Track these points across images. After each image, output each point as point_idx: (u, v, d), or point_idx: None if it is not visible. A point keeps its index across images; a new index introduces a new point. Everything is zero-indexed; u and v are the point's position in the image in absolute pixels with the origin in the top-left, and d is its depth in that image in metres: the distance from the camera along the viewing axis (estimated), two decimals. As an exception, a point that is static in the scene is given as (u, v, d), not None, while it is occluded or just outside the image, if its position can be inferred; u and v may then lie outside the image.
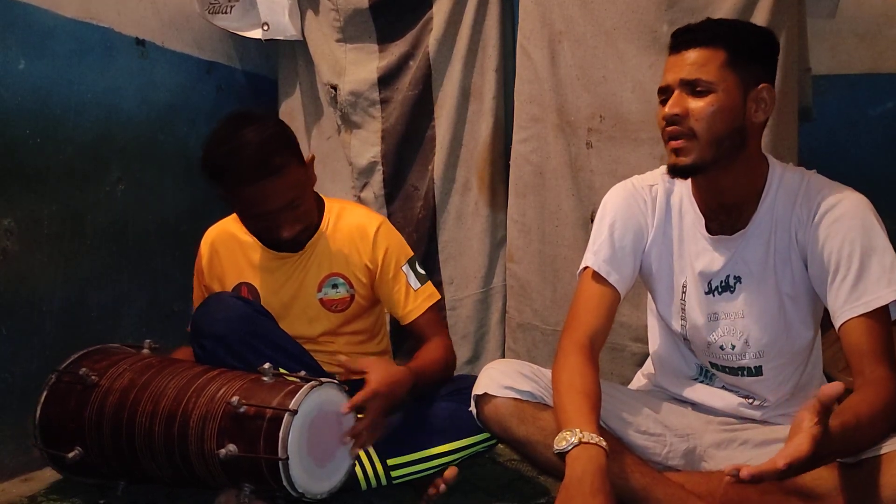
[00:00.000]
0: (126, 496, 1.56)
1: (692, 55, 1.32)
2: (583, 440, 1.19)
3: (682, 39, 1.35)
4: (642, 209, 1.46)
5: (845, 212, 1.30)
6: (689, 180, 1.42)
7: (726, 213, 1.40)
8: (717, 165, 1.32)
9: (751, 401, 1.43)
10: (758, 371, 1.40)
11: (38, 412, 1.53)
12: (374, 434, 1.49)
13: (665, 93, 1.35)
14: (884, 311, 1.26)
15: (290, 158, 1.56)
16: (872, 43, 2.27)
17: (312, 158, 1.67)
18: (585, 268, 1.45)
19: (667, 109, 1.32)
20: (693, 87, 1.31)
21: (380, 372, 1.48)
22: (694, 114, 1.30)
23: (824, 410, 1.05)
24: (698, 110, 1.30)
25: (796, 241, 1.35)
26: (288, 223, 1.58)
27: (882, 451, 1.19)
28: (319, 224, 1.71)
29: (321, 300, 1.70)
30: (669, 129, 1.32)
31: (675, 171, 1.35)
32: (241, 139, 1.52)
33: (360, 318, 1.76)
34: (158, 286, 2.12)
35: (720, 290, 1.41)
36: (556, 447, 1.21)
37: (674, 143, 1.32)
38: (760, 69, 1.34)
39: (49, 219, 1.78)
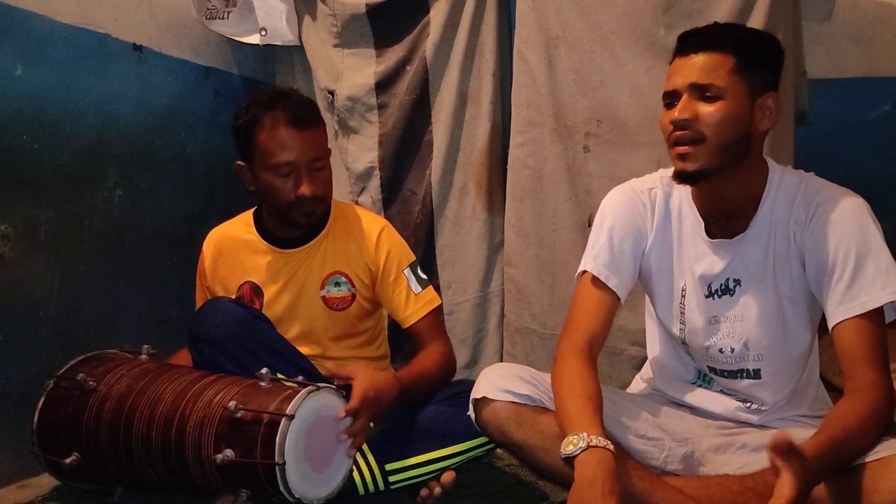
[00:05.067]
0: (123, 502, 1.56)
1: (701, 59, 1.30)
2: (591, 444, 1.19)
3: (690, 42, 1.33)
4: (641, 212, 1.45)
5: (842, 213, 1.30)
6: None
7: (726, 217, 1.39)
8: (722, 172, 1.32)
9: (749, 405, 1.43)
10: (757, 374, 1.40)
11: (36, 418, 1.52)
12: (362, 437, 1.49)
13: (672, 96, 1.34)
14: (878, 313, 1.26)
15: (322, 121, 1.70)
16: (868, 46, 2.27)
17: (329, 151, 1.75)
18: (584, 272, 1.45)
19: (677, 114, 1.30)
20: (703, 92, 1.29)
21: (365, 378, 1.49)
22: (703, 119, 1.29)
23: (785, 456, 1.07)
24: (708, 115, 1.29)
25: (794, 243, 1.34)
26: (312, 181, 1.63)
27: (873, 458, 1.18)
28: (325, 223, 1.73)
29: (323, 297, 1.71)
30: (677, 133, 1.31)
31: (682, 178, 1.34)
32: (288, 91, 1.70)
33: (361, 321, 1.76)
34: (155, 292, 2.12)
35: (720, 293, 1.40)
36: (563, 451, 1.21)
37: (680, 149, 1.31)
38: (767, 77, 1.33)
39: (46, 224, 1.78)
